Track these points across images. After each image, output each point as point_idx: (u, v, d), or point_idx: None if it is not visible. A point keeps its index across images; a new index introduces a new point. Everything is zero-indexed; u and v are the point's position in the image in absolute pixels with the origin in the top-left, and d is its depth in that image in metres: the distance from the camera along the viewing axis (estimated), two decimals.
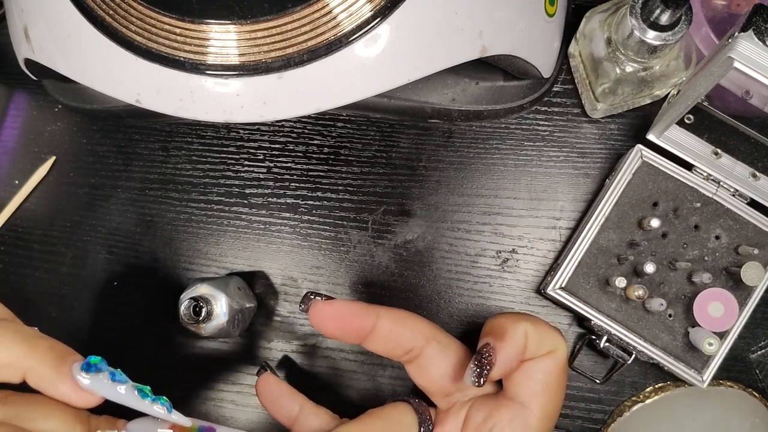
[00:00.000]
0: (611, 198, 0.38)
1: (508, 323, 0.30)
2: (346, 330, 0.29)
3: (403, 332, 0.30)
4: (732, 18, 0.39)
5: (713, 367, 0.36)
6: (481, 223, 0.41)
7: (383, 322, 0.29)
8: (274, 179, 0.42)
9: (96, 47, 0.29)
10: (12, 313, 0.27)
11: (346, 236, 0.42)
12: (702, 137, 0.38)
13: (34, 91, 0.45)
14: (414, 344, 0.30)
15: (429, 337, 0.30)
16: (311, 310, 0.29)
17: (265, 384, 0.33)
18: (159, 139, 0.43)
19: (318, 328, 0.30)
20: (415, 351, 0.30)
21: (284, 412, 0.32)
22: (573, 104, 0.41)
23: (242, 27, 0.27)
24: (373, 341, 0.30)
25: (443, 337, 0.31)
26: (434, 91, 0.38)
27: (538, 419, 0.29)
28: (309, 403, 0.32)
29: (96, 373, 0.25)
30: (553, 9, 0.35)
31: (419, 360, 0.31)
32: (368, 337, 0.30)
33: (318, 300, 0.29)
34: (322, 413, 0.32)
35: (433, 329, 0.31)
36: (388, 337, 0.30)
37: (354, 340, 0.30)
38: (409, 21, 0.28)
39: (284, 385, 0.33)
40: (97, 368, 0.25)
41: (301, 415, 0.31)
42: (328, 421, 0.31)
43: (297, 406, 0.32)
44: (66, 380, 0.25)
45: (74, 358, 0.26)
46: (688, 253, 0.37)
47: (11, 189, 0.44)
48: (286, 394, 0.32)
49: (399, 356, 0.31)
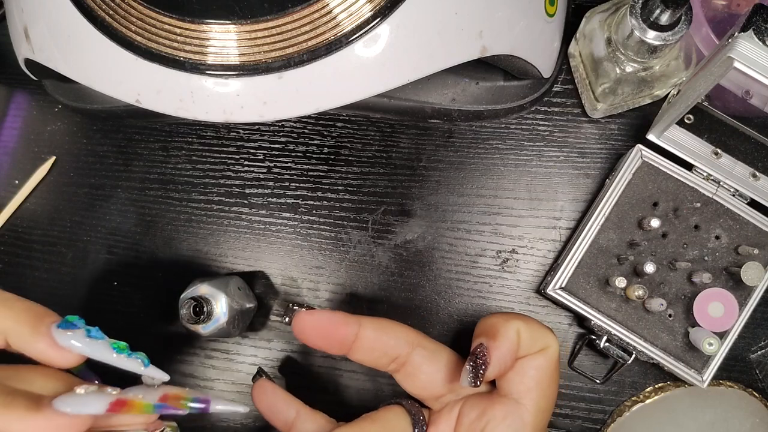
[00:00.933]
0: (611, 198, 0.38)
1: (500, 323, 0.30)
2: (329, 340, 0.29)
3: (388, 340, 0.30)
4: (732, 18, 0.39)
5: (713, 367, 0.36)
6: (481, 223, 0.41)
7: (366, 331, 0.30)
8: (274, 179, 0.42)
9: (96, 47, 0.29)
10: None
11: (346, 236, 0.42)
12: (702, 137, 0.38)
13: (34, 91, 0.45)
14: (399, 352, 0.30)
15: (414, 344, 0.31)
16: (294, 321, 0.29)
17: (260, 390, 0.33)
18: (159, 139, 0.43)
19: (301, 339, 0.30)
20: (401, 359, 0.31)
21: (281, 417, 0.32)
22: (573, 104, 0.41)
23: (242, 27, 0.27)
24: (358, 351, 0.30)
25: (428, 343, 0.31)
26: (434, 91, 0.38)
27: (532, 415, 0.29)
28: (305, 408, 0.32)
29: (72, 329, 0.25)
30: (553, 9, 0.35)
31: (406, 368, 0.31)
32: (352, 347, 0.30)
33: (300, 311, 0.29)
34: (318, 418, 0.32)
35: (418, 336, 0.31)
36: (373, 346, 0.30)
37: (338, 351, 0.30)
38: (409, 21, 0.28)
39: (280, 391, 0.32)
40: (73, 325, 0.25)
41: (298, 420, 0.31)
42: (324, 426, 0.31)
43: (293, 411, 0.32)
44: (43, 338, 0.25)
45: (52, 319, 0.26)
46: (688, 253, 0.37)
47: (11, 189, 0.44)
48: (281, 399, 0.32)
49: (385, 365, 0.31)
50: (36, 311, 0.26)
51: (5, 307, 0.25)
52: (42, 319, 0.26)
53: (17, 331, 0.25)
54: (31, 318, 0.25)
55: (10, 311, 0.25)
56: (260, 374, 0.34)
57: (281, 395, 0.32)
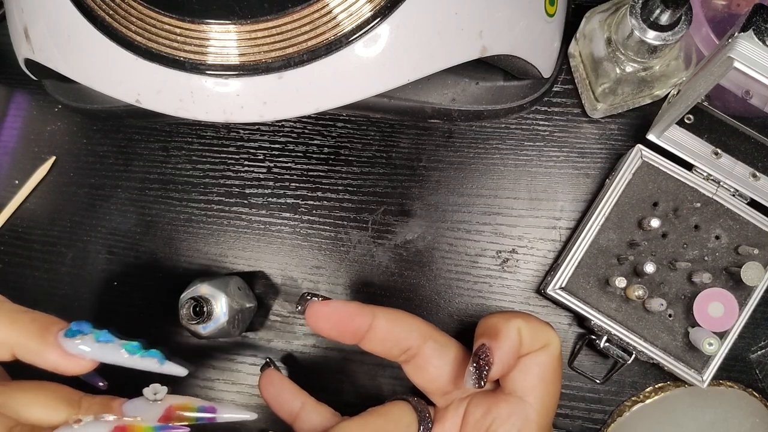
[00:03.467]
0: (611, 198, 0.38)
1: (501, 322, 0.30)
2: (343, 330, 0.29)
3: (400, 332, 0.30)
4: (732, 18, 0.39)
5: (713, 367, 0.36)
6: (481, 223, 0.41)
7: (379, 322, 0.29)
8: (274, 179, 0.42)
9: (96, 47, 0.29)
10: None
11: (346, 236, 0.42)
12: (702, 137, 0.38)
13: (34, 91, 0.45)
14: (411, 343, 0.30)
15: (426, 336, 0.31)
16: (308, 311, 0.29)
17: (267, 380, 0.33)
18: (159, 139, 0.43)
19: (314, 329, 0.30)
20: (412, 350, 0.30)
21: (286, 408, 0.32)
22: (573, 104, 0.41)
23: (242, 27, 0.27)
24: (370, 341, 0.30)
25: (440, 336, 0.31)
26: (434, 91, 0.38)
27: (537, 412, 0.29)
28: (311, 399, 0.32)
29: (80, 336, 0.25)
30: (553, 9, 0.35)
31: (416, 360, 0.31)
32: (365, 337, 0.30)
33: (314, 300, 0.29)
34: (323, 410, 0.32)
35: (430, 328, 0.31)
36: (385, 337, 0.30)
37: (351, 341, 0.30)
38: (409, 21, 0.28)
39: (287, 382, 0.33)
40: (80, 331, 0.25)
41: (303, 412, 0.32)
42: (329, 418, 0.32)
43: (299, 403, 0.32)
44: (53, 349, 0.25)
45: (59, 327, 0.25)
46: (688, 253, 0.37)
47: (11, 189, 0.44)
48: (288, 390, 0.33)
49: (396, 356, 0.31)
50: (42, 321, 0.25)
51: (10, 320, 0.25)
52: (49, 328, 0.25)
53: (25, 344, 0.25)
54: (37, 329, 0.25)
55: (16, 325, 0.25)
56: (268, 364, 0.35)
57: (288, 386, 0.33)
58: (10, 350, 0.25)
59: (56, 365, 0.25)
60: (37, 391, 0.26)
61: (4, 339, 0.25)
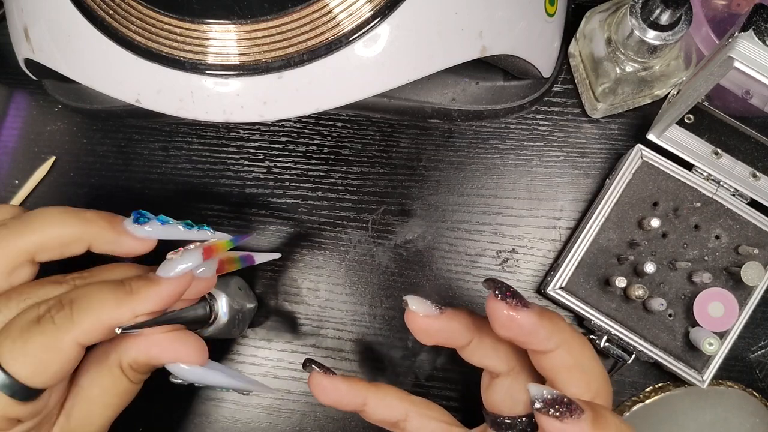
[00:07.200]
0: (611, 198, 0.38)
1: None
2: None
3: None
4: (732, 18, 0.39)
5: (713, 367, 0.36)
6: (481, 223, 0.41)
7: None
8: (274, 179, 0.42)
9: (96, 47, 0.29)
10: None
11: (346, 236, 0.42)
12: (702, 137, 0.38)
13: (34, 91, 0.45)
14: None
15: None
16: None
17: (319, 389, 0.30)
18: (159, 139, 0.43)
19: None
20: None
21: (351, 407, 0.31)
22: (573, 104, 0.41)
23: (242, 27, 0.27)
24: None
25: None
26: (434, 91, 0.38)
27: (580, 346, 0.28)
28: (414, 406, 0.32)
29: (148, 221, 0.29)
30: (553, 9, 0.35)
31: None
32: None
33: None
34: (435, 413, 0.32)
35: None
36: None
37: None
38: (409, 21, 0.28)
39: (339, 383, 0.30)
40: (146, 217, 0.30)
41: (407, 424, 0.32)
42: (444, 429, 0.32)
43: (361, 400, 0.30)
44: (127, 236, 0.29)
45: (121, 218, 0.30)
46: (688, 253, 0.37)
47: (11, 189, 0.44)
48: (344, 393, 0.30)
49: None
50: (107, 216, 0.29)
51: (81, 219, 0.29)
52: (116, 220, 0.29)
53: (103, 236, 0.29)
54: (107, 223, 0.29)
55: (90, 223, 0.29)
56: (310, 366, 0.31)
57: (343, 388, 0.30)
58: (86, 244, 0.29)
59: (131, 249, 0.29)
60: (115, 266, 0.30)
61: (80, 234, 0.28)
